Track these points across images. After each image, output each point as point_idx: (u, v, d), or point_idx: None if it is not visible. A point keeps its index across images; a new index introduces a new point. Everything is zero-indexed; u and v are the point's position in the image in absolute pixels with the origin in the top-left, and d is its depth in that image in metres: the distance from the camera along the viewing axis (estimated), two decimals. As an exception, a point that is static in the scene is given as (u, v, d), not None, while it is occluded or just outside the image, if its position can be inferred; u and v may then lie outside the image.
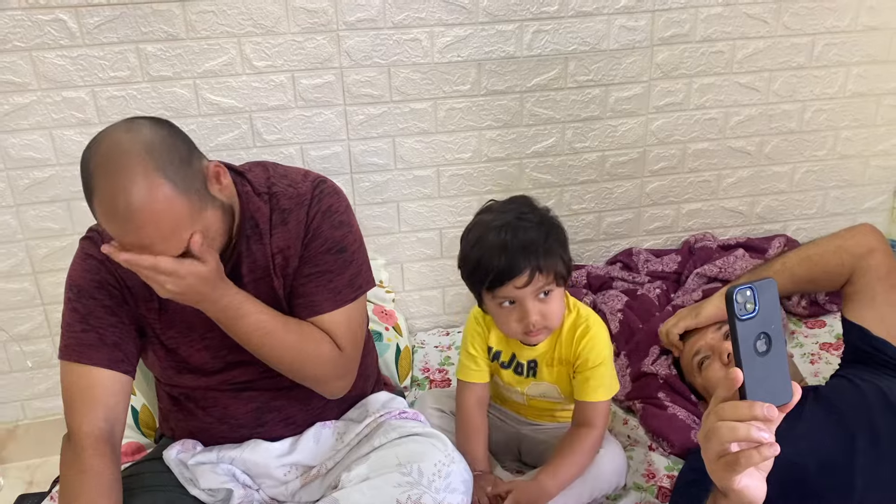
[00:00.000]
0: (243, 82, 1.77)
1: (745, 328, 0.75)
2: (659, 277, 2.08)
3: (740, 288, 0.74)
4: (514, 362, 1.45)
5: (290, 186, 1.26)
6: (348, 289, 1.25)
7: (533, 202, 1.34)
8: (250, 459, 1.32)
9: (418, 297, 2.09)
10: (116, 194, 1.01)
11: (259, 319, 1.17)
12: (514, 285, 1.25)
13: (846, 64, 2.05)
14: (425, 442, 1.26)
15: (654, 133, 2.04)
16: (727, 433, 0.75)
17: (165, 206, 1.03)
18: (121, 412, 1.20)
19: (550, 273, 1.26)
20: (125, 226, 1.02)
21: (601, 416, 1.38)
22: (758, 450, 0.74)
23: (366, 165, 1.91)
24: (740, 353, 0.75)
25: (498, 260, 1.24)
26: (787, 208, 2.22)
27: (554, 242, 1.27)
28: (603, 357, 1.37)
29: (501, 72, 1.88)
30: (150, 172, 1.02)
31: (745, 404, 0.75)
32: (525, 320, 1.29)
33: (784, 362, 0.77)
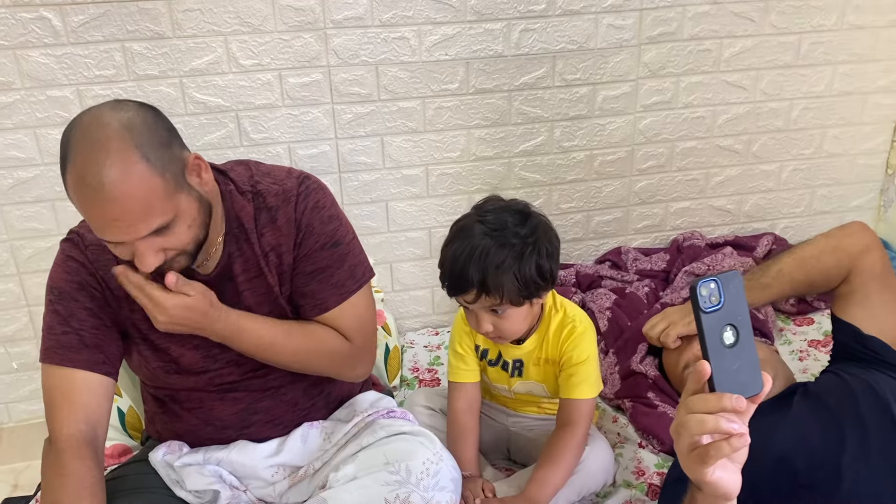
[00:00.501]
0: (230, 81, 1.76)
1: (710, 320, 0.75)
2: (647, 276, 2.09)
3: (704, 281, 0.74)
4: (501, 360, 1.45)
5: (274, 184, 1.25)
6: (350, 280, 1.26)
7: (524, 216, 1.30)
8: (237, 460, 1.31)
9: (407, 297, 2.09)
10: (90, 165, 0.99)
11: (259, 335, 1.19)
12: (464, 299, 1.30)
13: (832, 63, 2.06)
14: (413, 440, 1.25)
15: (642, 132, 2.04)
16: (696, 426, 0.75)
17: (138, 181, 1.01)
18: (103, 415, 1.18)
19: (498, 296, 1.26)
20: (95, 198, 1.00)
21: (584, 415, 1.38)
22: (728, 441, 0.74)
23: (354, 164, 1.91)
24: (707, 346, 0.75)
25: (450, 271, 1.29)
26: (774, 207, 2.23)
27: (513, 264, 1.24)
28: (587, 355, 1.37)
29: (489, 70, 1.88)
30: (127, 148, 1.01)
31: (713, 396, 0.75)
32: (478, 329, 1.33)
33: (753, 353, 0.77)
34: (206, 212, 1.14)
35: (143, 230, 1.04)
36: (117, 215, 1.01)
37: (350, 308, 1.27)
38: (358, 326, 1.27)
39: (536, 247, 1.27)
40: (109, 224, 1.03)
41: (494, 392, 1.53)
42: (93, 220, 1.04)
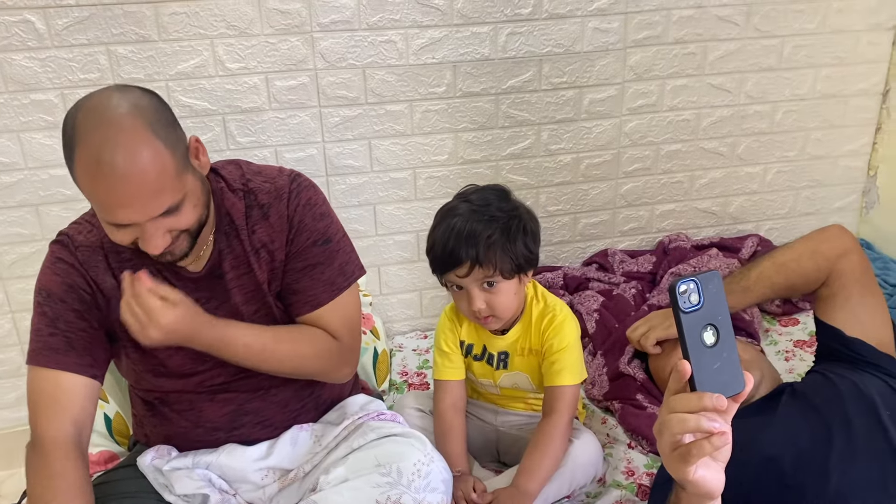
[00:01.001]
0: (216, 84, 1.76)
1: (689, 320, 0.75)
2: (634, 278, 2.10)
3: (683, 281, 0.74)
4: (486, 354, 1.46)
5: (266, 182, 1.25)
6: (340, 277, 1.26)
7: (506, 194, 1.36)
8: (226, 464, 1.29)
9: (396, 301, 2.08)
10: (103, 145, 0.99)
11: (246, 343, 1.18)
12: (456, 274, 1.31)
13: (815, 66, 2.09)
14: (404, 442, 1.25)
15: (628, 134, 2.06)
16: (677, 425, 0.75)
17: (151, 159, 1.01)
18: (88, 418, 1.17)
19: (491, 266, 1.29)
20: (110, 176, 0.99)
21: (568, 402, 1.39)
22: (709, 440, 0.74)
23: (341, 168, 1.90)
24: (687, 346, 0.75)
25: (442, 248, 1.31)
26: (759, 208, 2.25)
27: (501, 236, 1.29)
28: (568, 341, 1.39)
29: (476, 74, 1.88)
30: (140, 126, 1.01)
31: (694, 395, 0.75)
32: (471, 307, 1.33)
33: (734, 353, 0.77)
34: (206, 192, 1.16)
35: (156, 209, 1.04)
36: (132, 193, 1.01)
37: (340, 305, 1.27)
38: (346, 324, 1.28)
39: (521, 221, 1.32)
40: (123, 204, 1.02)
41: (481, 390, 1.54)
42: (105, 201, 1.02)
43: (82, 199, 1.27)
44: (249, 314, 1.25)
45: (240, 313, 1.24)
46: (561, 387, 1.39)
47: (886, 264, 2.14)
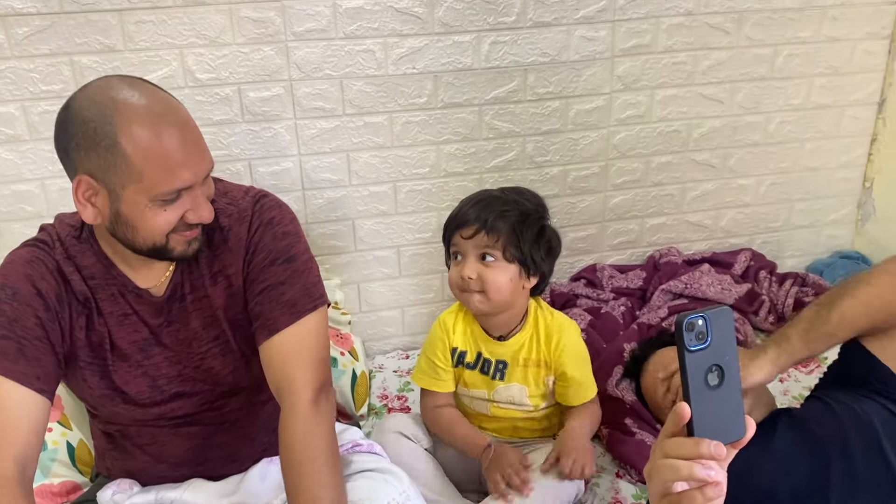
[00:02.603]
0: (186, 96, 1.68)
1: (694, 360, 0.70)
2: (624, 294, 2.04)
3: (691, 317, 0.69)
4: (481, 361, 1.42)
5: (230, 204, 1.19)
6: (304, 299, 1.15)
7: (543, 205, 1.43)
8: (191, 501, 1.23)
9: (376, 318, 2.02)
10: (152, 101, 1.02)
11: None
12: (461, 234, 1.35)
13: (809, 75, 2.03)
14: (379, 478, 1.18)
15: (617, 146, 1.99)
16: (669, 472, 0.70)
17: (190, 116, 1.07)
18: (33, 449, 1.06)
19: (495, 237, 1.32)
20: (174, 126, 1.02)
21: (592, 408, 1.46)
22: (701, 491, 0.69)
23: (319, 182, 1.83)
24: (689, 387, 0.70)
25: (459, 209, 1.38)
26: (752, 221, 2.19)
27: (517, 218, 1.34)
28: (584, 353, 1.44)
29: (459, 84, 1.82)
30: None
31: (690, 441, 0.70)
32: (462, 274, 1.35)
33: (738, 396, 0.72)
34: None
35: (207, 164, 1.07)
36: (193, 140, 1.04)
37: (304, 330, 1.15)
38: (315, 354, 1.15)
39: (542, 224, 1.38)
40: (189, 155, 1.03)
41: (469, 409, 1.50)
42: (171, 159, 1.02)
43: (46, 215, 1.20)
44: (208, 340, 1.19)
45: (199, 338, 1.19)
46: (593, 399, 1.45)
47: (883, 279, 2.07)
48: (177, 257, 1.11)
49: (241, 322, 1.19)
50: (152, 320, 1.17)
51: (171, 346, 1.18)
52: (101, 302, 1.15)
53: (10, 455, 1.04)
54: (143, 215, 1.05)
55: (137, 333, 1.17)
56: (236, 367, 1.20)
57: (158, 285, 1.16)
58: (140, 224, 1.06)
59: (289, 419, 1.11)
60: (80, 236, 1.16)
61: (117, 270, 1.15)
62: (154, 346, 1.18)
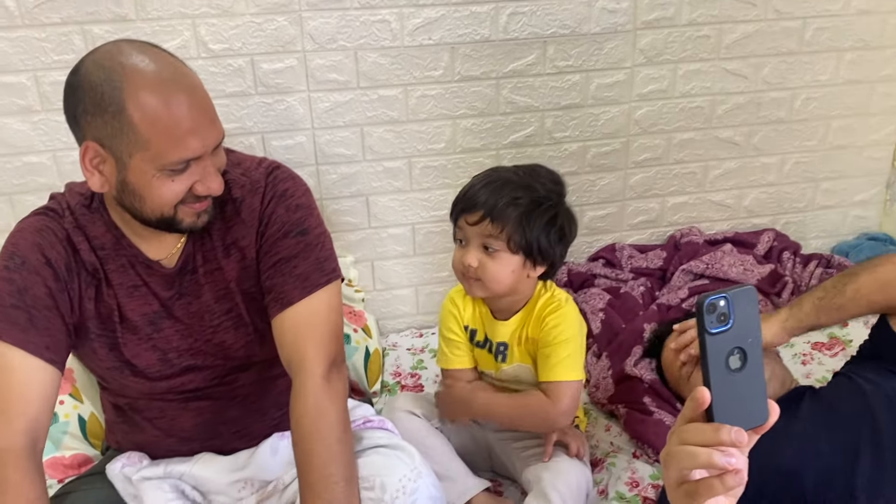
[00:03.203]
0: (199, 67, 1.65)
1: (715, 342, 0.66)
2: (643, 274, 2.00)
3: (712, 298, 0.65)
4: (487, 342, 1.40)
5: (242, 175, 1.17)
6: (317, 272, 1.13)
7: (561, 184, 1.34)
8: (201, 475, 1.22)
9: (390, 297, 1.99)
10: (161, 66, 0.99)
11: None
12: (466, 219, 1.29)
13: (838, 49, 1.97)
14: (390, 454, 1.16)
15: (638, 122, 1.94)
16: (687, 459, 0.66)
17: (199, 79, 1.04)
18: (43, 422, 1.06)
19: (502, 228, 1.26)
20: (180, 87, 0.99)
21: (564, 397, 1.31)
22: (721, 479, 0.65)
23: (332, 156, 1.80)
24: (709, 371, 0.66)
25: (468, 189, 1.31)
26: (775, 201, 2.13)
27: (528, 206, 1.26)
28: (568, 335, 1.32)
29: (476, 56, 1.78)
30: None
31: (709, 427, 0.66)
32: (462, 260, 1.30)
33: (761, 380, 0.69)
34: None
35: (217, 132, 1.04)
36: (202, 107, 1.01)
37: (317, 304, 1.13)
38: (328, 327, 1.13)
39: (556, 211, 1.29)
40: (198, 123, 1.00)
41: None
42: (179, 126, 0.99)
43: (58, 188, 1.19)
44: (220, 313, 1.17)
45: (211, 311, 1.17)
46: (556, 383, 1.31)
47: (911, 261, 2.02)
48: (185, 229, 1.09)
49: (255, 295, 1.17)
50: (163, 292, 1.16)
51: (183, 319, 1.17)
52: (110, 273, 1.13)
53: (21, 427, 1.03)
54: (150, 185, 1.02)
55: (148, 306, 1.15)
56: (249, 340, 1.19)
57: (169, 257, 1.14)
58: (147, 194, 1.03)
59: (300, 394, 1.09)
60: (91, 205, 1.14)
61: (127, 241, 1.13)
62: (165, 319, 1.16)
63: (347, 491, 1.06)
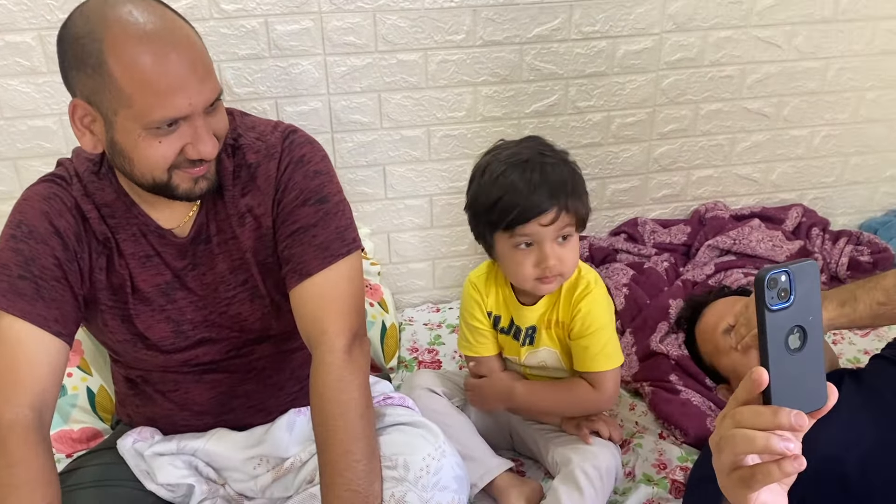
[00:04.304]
0: (210, 28, 1.59)
1: (775, 320, 0.63)
2: (666, 249, 1.94)
3: (774, 272, 0.63)
4: (513, 328, 1.34)
5: (257, 139, 1.12)
6: (338, 242, 1.09)
7: (549, 142, 1.26)
8: (215, 451, 1.18)
9: (406, 270, 1.94)
10: (147, 19, 0.92)
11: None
12: (540, 222, 1.18)
13: (874, 18, 1.89)
14: (413, 433, 1.12)
15: (665, 92, 1.88)
16: (743, 443, 0.64)
17: (191, 30, 0.97)
18: (50, 395, 1.02)
19: (573, 214, 1.20)
20: (167, 42, 0.92)
21: (608, 384, 1.29)
22: (779, 464, 0.62)
23: (348, 124, 1.74)
24: (768, 350, 0.63)
25: (524, 196, 1.18)
26: (804, 176, 2.07)
27: (579, 182, 1.22)
28: (602, 322, 1.27)
29: (499, 20, 1.71)
30: (160, 4, 0.97)
31: (768, 410, 0.63)
32: (543, 264, 1.21)
33: (820, 361, 0.66)
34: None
35: (208, 91, 0.96)
36: (193, 60, 0.94)
37: (337, 275, 1.08)
38: (348, 299, 1.09)
39: (579, 172, 1.25)
40: (186, 73, 0.93)
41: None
42: (162, 83, 0.92)
43: (66, 153, 1.13)
44: (236, 284, 1.13)
45: (226, 282, 1.12)
46: (598, 373, 1.28)
47: (943, 240, 1.96)
48: (182, 196, 1.03)
49: (271, 266, 1.12)
50: (176, 263, 1.11)
51: (197, 291, 1.13)
52: (121, 242, 1.09)
53: (27, 401, 0.99)
54: (136, 145, 0.96)
55: (160, 276, 1.11)
56: (265, 313, 1.15)
57: (182, 226, 1.10)
58: (135, 155, 0.98)
59: (321, 368, 1.05)
60: (100, 171, 1.09)
61: (138, 209, 1.08)
62: (178, 290, 1.12)
63: (369, 469, 1.02)
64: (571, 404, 1.33)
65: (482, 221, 1.23)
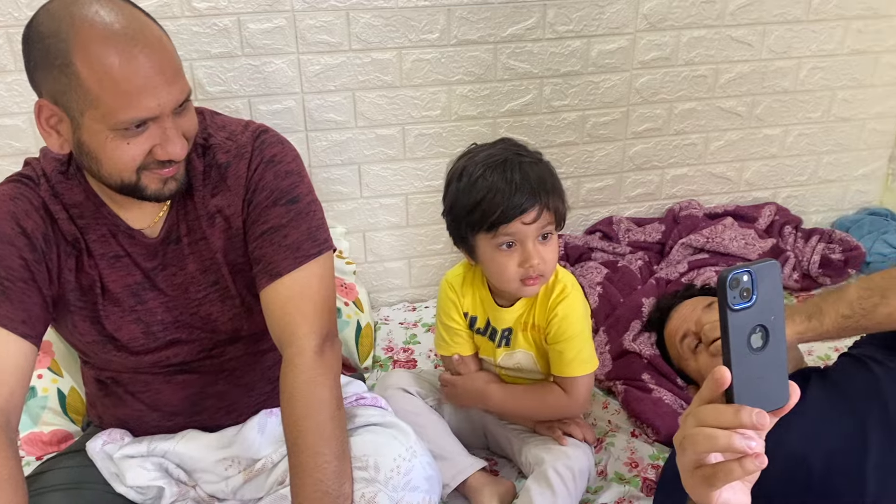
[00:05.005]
0: (182, 26, 1.58)
1: (738, 320, 0.63)
2: (641, 248, 1.95)
3: (736, 272, 0.63)
4: (490, 329, 1.34)
5: (228, 139, 1.11)
6: (309, 242, 1.08)
7: (522, 143, 1.26)
8: (185, 452, 1.18)
9: (382, 269, 1.93)
10: (114, 17, 0.90)
11: None
12: (523, 221, 1.18)
13: (845, 18, 1.91)
14: (384, 433, 1.12)
15: (639, 91, 1.89)
16: (705, 442, 0.64)
17: (163, 34, 0.95)
18: (17, 399, 1.00)
19: (554, 213, 1.20)
20: (135, 43, 0.91)
21: (581, 390, 1.29)
22: (741, 463, 0.63)
23: (322, 122, 1.73)
24: (730, 349, 0.64)
25: (507, 195, 1.17)
26: (777, 174, 2.09)
27: (557, 181, 1.22)
28: (578, 327, 1.27)
29: (473, 19, 1.70)
30: (129, 4, 0.95)
31: (730, 409, 0.64)
32: (527, 263, 1.20)
33: (782, 360, 0.66)
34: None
35: (178, 92, 0.96)
36: (161, 61, 0.93)
37: (308, 275, 1.07)
38: (319, 300, 1.08)
39: (552, 168, 1.25)
40: (154, 73, 0.92)
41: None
42: (130, 84, 0.91)
43: (35, 152, 1.12)
44: (206, 285, 1.12)
45: (196, 282, 1.12)
46: (571, 378, 1.28)
47: (913, 237, 1.99)
48: (150, 197, 1.02)
49: (242, 266, 1.12)
50: (146, 263, 1.10)
51: (167, 291, 1.12)
52: (90, 242, 1.08)
53: None
54: (104, 146, 0.95)
55: (130, 277, 1.10)
56: (236, 313, 1.14)
57: (152, 226, 1.09)
58: (103, 156, 0.96)
59: (291, 369, 1.04)
60: (68, 171, 1.08)
61: (108, 209, 1.07)
62: (148, 291, 1.11)
63: (339, 470, 1.01)
64: (543, 409, 1.33)
65: (463, 224, 1.22)
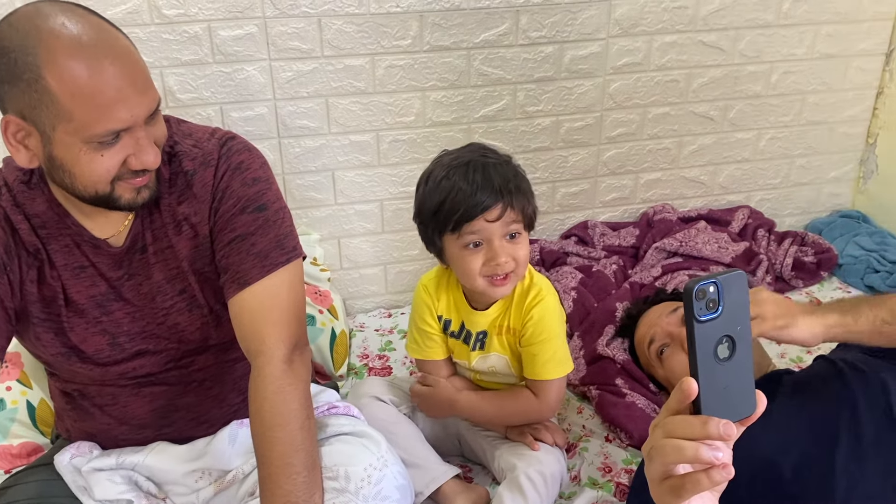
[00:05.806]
0: (152, 33, 1.57)
1: (704, 331, 0.63)
2: (616, 252, 1.96)
3: (702, 283, 0.63)
4: (464, 332, 1.34)
5: (194, 146, 1.10)
6: (277, 250, 1.08)
7: (491, 146, 1.27)
8: (155, 465, 1.17)
9: (358, 276, 1.93)
10: (83, 29, 0.90)
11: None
12: (486, 218, 1.18)
13: (815, 22, 1.93)
14: (355, 442, 1.12)
15: (612, 96, 1.89)
16: (673, 453, 0.64)
17: (131, 45, 0.95)
18: None
19: (520, 212, 1.20)
20: (105, 55, 0.90)
21: (552, 393, 1.30)
22: (707, 473, 0.63)
23: (295, 129, 1.73)
24: (697, 360, 0.64)
25: (468, 194, 1.17)
26: (750, 178, 2.11)
27: (523, 181, 1.22)
28: (552, 331, 1.27)
29: (446, 25, 1.70)
30: (93, 14, 0.95)
31: (697, 420, 0.64)
32: (493, 261, 1.20)
33: (749, 370, 0.66)
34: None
35: (149, 101, 0.96)
36: (132, 71, 0.93)
37: (277, 283, 1.07)
38: (288, 307, 1.08)
39: (520, 171, 1.25)
40: (126, 85, 0.92)
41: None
42: (103, 95, 0.91)
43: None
44: (173, 294, 1.11)
45: (163, 292, 1.10)
46: (543, 381, 1.28)
47: (885, 239, 2.01)
48: (125, 206, 1.01)
49: (209, 275, 1.11)
50: (111, 273, 1.09)
51: (133, 301, 1.11)
52: (53, 253, 1.06)
53: None
54: (78, 160, 0.94)
55: (95, 287, 1.09)
56: (204, 323, 1.13)
57: (117, 235, 1.08)
58: (77, 170, 0.96)
59: (260, 379, 1.04)
60: (30, 181, 1.06)
61: (72, 219, 1.06)
62: (113, 301, 1.10)
63: (309, 481, 1.01)
64: (513, 413, 1.33)
65: (430, 227, 1.23)
